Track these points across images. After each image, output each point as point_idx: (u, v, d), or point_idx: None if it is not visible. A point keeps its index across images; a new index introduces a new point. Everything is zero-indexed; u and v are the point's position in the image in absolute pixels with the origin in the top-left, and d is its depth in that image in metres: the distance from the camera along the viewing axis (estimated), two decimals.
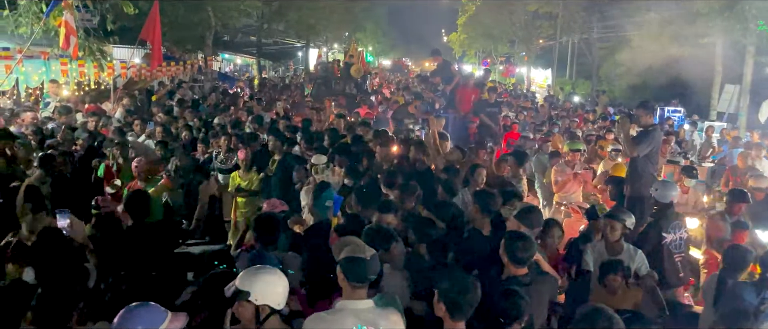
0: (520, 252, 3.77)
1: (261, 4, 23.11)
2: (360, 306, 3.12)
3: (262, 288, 3.00)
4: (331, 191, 5.44)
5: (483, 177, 6.38)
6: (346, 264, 3.16)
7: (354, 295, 3.15)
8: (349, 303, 3.13)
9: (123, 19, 10.99)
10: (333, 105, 14.04)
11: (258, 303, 2.97)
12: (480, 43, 37.90)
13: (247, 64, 36.24)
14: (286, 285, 3.10)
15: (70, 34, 9.00)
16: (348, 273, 3.14)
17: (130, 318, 2.82)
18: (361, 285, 3.15)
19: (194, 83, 20.12)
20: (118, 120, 10.68)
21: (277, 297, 3.03)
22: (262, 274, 3.08)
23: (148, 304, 2.96)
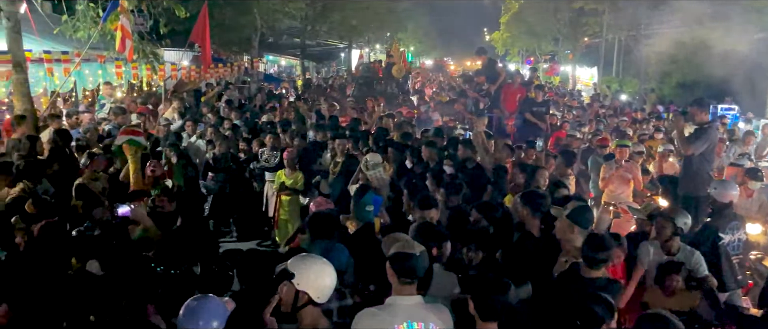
0: (598, 253, 3.74)
1: (305, 5, 23.39)
2: (409, 301, 3.13)
3: (306, 275, 2.97)
4: (371, 194, 5.47)
5: (545, 179, 6.26)
6: (395, 259, 3.17)
7: (403, 291, 3.16)
8: (398, 298, 3.15)
9: (173, 23, 11.28)
10: (377, 106, 14.10)
11: (299, 287, 2.94)
12: (523, 41, 37.43)
13: (291, 66, 36.72)
14: (332, 280, 3.06)
15: (126, 38, 9.29)
16: (397, 269, 3.15)
17: (196, 311, 2.92)
18: (411, 281, 3.15)
19: (242, 84, 20.52)
20: (167, 120, 11.01)
21: (318, 288, 2.98)
22: (313, 262, 3.07)
23: (208, 296, 3.06)
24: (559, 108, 16.31)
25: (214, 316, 2.96)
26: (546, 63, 38.90)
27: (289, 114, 13.18)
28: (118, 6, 9.11)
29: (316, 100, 16.19)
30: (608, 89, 27.87)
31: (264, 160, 8.85)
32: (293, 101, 16.37)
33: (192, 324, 2.92)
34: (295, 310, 2.96)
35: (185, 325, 2.94)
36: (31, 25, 10.09)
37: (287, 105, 14.72)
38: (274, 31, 25.18)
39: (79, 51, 10.48)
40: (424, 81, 30.53)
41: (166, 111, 12.03)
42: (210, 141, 9.54)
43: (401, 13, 36.32)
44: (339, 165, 7.95)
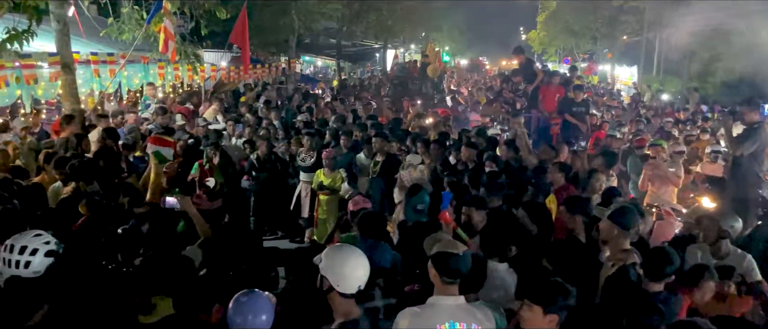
0: (661, 267, 3.64)
1: (342, 6, 23.54)
2: (452, 302, 3.12)
3: (330, 261, 3.03)
4: (424, 193, 5.45)
5: (601, 183, 6.10)
6: (437, 259, 3.15)
7: (446, 291, 3.14)
8: (440, 298, 3.13)
9: (213, 24, 11.49)
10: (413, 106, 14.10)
11: (322, 272, 3.01)
12: (561, 40, 36.90)
13: (326, 66, 36.99)
14: (359, 273, 3.06)
15: (169, 39, 9.51)
16: (440, 269, 3.13)
17: (245, 305, 2.98)
18: (453, 281, 3.14)
19: (279, 85, 20.75)
20: (205, 120, 11.22)
21: (338, 275, 3.00)
22: (341, 250, 3.12)
23: (256, 291, 3.11)
24: (598, 108, 16.02)
25: (263, 311, 3.02)
26: (584, 62, 38.29)
27: (326, 114, 13.29)
28: (162, 8, 9.32)
29: (352, 100, 16.26)
30: (648, 88, 27.27)
31: (300, 160, 8.95)
32: (329, 101, 16.49)
33: (241, 319, 2.98)
34: (322, 294, 3.04)
35: (234, 319, 2.99)
36: (79, 27, 10.41)
37: (324, 106, 14.85)
38: (311, 32, 25.39)
39: (124, 53, 10.77)
40: (460, 81, 30.40)
41: (206, 111, 12.26)
42: (248, 141, 9.69)
43: (437, 13, 36.24)
44: (378, 165, 7.98)
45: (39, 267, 3.51)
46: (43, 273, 3.52)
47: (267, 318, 3.03)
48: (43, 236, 3.62)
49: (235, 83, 17.64)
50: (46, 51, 9.23)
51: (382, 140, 8.24)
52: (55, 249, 3.59)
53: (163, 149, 6.54)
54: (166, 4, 9.32)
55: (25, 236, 3.59)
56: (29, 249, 3.50)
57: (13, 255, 3.48)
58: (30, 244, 3.52)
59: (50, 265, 3.55)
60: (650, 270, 3.68)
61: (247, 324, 2.96)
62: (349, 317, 3.04)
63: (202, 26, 10.50)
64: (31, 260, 3.48)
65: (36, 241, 3.55)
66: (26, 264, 3.47)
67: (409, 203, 5.27)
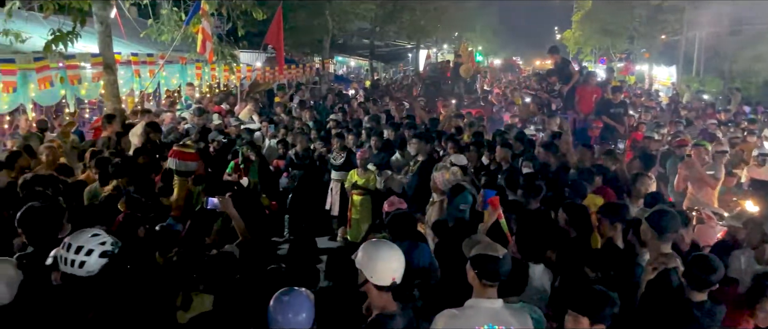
0: (705, 275, 3.52)
1: (375, 6, 23.59)
2: (490, 304, 3.11)
3: (363, 256, 3.13)
4: (467, 194, 5.43)
5: (646, 187, 5.95)
6: (477, 261, 3.14)
7: (484, 293, 3.13)
8: (480, 301, 3.12)
9: (249, 25, 11.64)
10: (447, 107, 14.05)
11: (357, 265, 3.13)
12: (596, 39, 36.23)
13: (359, 67, 37.11)
14: (393, 265, 3.13)
15: (206, 40, 9.66)
16: (479, 271, 3.12)
17: (286, 303, 3.02)
18: (493, 283, 3.12)
19: (313, 85, 20.92)
20: (238, 120, 11.38)
21: (371, 268, 3.09)
22: (375, 245, 3.21)
23: (297, 289, 3.14)
24: (636, 109, 15.70)
25: (303, 309, 3.04)
26: (620, 62, 37.57)
27: (359, 114, 13.35)
28: (200, 9, 9.47)
29: (385, 101, 16.28)
30: (687, 88, 26.61)
31: (332, 158, 9.02)
32: (362, 101, 16.56)
33: (281, 316, 3.00)
34: (359, 288, 3.14)
35: (275, 317, 3.01)
36: (120, 29, 10.66)
37: (357, 106, 14.92)
38: (345, 32, 25.51)
39: (163, 53, 10.99)
40: (493, 81, 30.17)
41: (241, 111, 12.44)
42: (281, 141, 9.81)
43: (470, 13, 36.02)
44: (417, 164, 7.99)
45: (93, 267, 3.53)
46: (97, 273, 3.56)
47: (307, 317, 3.04)
48: (100, 237, 3.64)
49: (270, 83, 17.83)
50: (89, 52, 9.47)
51: (421, 141, 8.24)
52: (111, 250, 3.62)
53: (185, 162, 6.50)
54: (204, 6, 9.47)
55: (82, 235, 3.63)
56: (85, 249, 3.52)
57: (69, 253, 3.52)
58: (86, 244, 3.55)
59: (104, 265, 3.59)
60: (692, 279, 3.56)
61: (287, 322, 2.98)
62: (385, 310, 3.08)
63: (239, 27, 10.63)
64: (86, 260, 3.51)
65: (92, 241, 3.58)
66: (81, 264, 3.50)
67: (452, 203, 5.26)
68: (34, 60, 8.32)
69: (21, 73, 8.14)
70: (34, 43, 8.45)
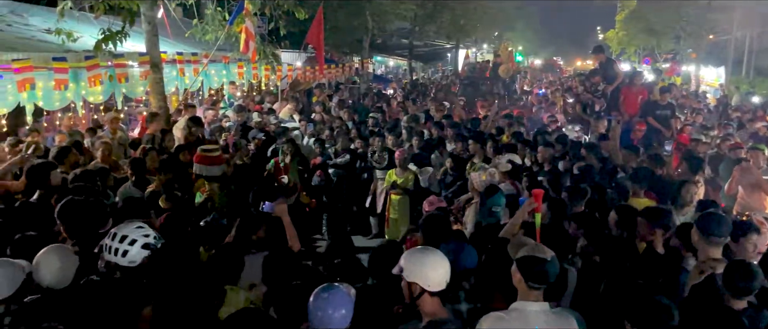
0: (742, 283, 3.38)
1: (415, 6, 23.56)
2: (536, 308, 3.05)
3: (413, 267, 3.12)
4: (500, 195, 5.38)
5: (693, 195, 5.74)
6: (524, 263, 3.08)
7: (530, 297, 3.07)
8: (526, 304, 3.06)
9: (291, 25, 11.77)
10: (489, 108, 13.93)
11: (409, 279, 3.11)
12: (641, 39, 35.36)
13: (398, 66, 37.13)
14: (444, 270, 3.14)
15: (249, 40, 9.81)
16: (526, 273, 3.06)
17: (325, 300, 3.03)
18: (539, 286, 3.06)
19: (352, 85, 21.03)
20: (278, 119, 11.50)
21: (426, 277, 3.09)
22: (419, 254, 3.20)
23: (336, 285, 3.15)
24: (682, 111, 15.26)
25: (342, 305, 3.05)
26: (666, 62, 36.60)
27: (399, 114, 13.36)
28: (244, 9, 9.62)
29: (426, 101, 16.25)
30: (736, 89, 25.73)
31: (374, 160, 9.04)
32: (401, 101, 16.56)
33: (321, 313, 3.01)
34: (413, 301, 3.11)
35: (315, 313, 3.03)
36: (166, 29, 10.90)
37: (395, 106, 14.93)
38: (384, 32, 25.55)
39: (207, 53, 11.20)
40: (533, 81, 29.81)
41: (282, 110, 12.60)
42: (319, 140, 9.89)
43: (511, 12, 35.64)
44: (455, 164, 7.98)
45: (134, 258, 3.67)
46: (139, 264, 3.68)
47: (346, 313, 3.05)
48: (144, 229, 3.78)
49: (310, 82, 18.00)
50: (137, 51, 9.71)
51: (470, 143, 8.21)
52: (153, 243, 3.74)
53: (209, 167, 6.42)
54: (248, 6, 9.61)
55: (128, 226, 3.77)
56: (128, 239, 3.67)
57: (114, 242, 3.67)
58: (130, 234, 3.69)
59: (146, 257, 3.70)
60: (730, 285, 3.43)
61: (326, 319, 3.00)
62: (436, 317, 3.07)
63: (281, 27, 10.76)
64: (129, 250, 3.65)
65: (136, 232, 3.72)
66: (123, 253, 3.64)
67: (484, 204, 5.21)
68: (85, 59, 8.57)
69: (72, 71, 8.40)
70: (85, 42, 8.72)
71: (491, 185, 5.58)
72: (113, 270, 3.66)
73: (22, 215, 4.68)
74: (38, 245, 3.83)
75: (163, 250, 3.79)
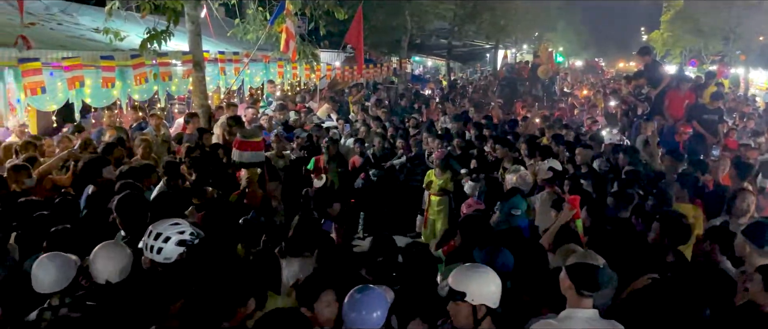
0: None
1: (455, 6, 23.40)
2: (586, 315, 2.98)
3: (477, 288, 2.98)
4: (519, 198, 5.34)
5: (749, 204, 5.46)
6: (576, 270, 3.01)
7: (580, 304, 3.00)
8: (576, 311, 3.00)
9: (330, 25, 11.84)
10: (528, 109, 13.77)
11: (474, 302, 2.97)
12: (687, 40, 34.41)
13: (436, 66, 36.99)
14: (499, 283, 3.06)
15: (290, 39, 9.89)
16: (578, 280, 2.99)
17: (360, 302, 3.03)
18: (590, 294, 2.99)
19: (390, 85, 21.03)
20: (318, 119, 11.57)
21: (492, 295, 3.00)
22: (476, 273, 3.07)
23: (371, 287, 3.14)
24: (731, 115, 14.77)
25: (377, 307, 3.05)
26: (713, 64, 35.51)
27: (436, 115, 13.30)
28: (284, 9, 9.71)
29: (464, 102, 16.14)
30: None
31: (432, 160, 9.03)
32: (439, 101, 16.49)
33: (355, 314, 3.02)
34: (477, 324, 3.01)
35: (349, 314, 3.03)
36: (209, 28, 11.10)
37: (433, 106, 14.88)
38: (423, 32, 25.47)
39: (248, 52, 11.36)
40: (574, 83, 29.29)
41: (319, 110, 12.69)
42: (359, 140, 9.91)
43: (552, 12, 35.10)
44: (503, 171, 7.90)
45: (169, 254, 3.73)
46: (174, 260, 3.74)
47: (380, 315, 3.05)
48: (180, 226, 3.83)
49: (348, 82, 18.09)
50: (180, 50, 9.91)
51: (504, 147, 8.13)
52: (188, 240, 3.79)
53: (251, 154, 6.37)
54: (289, 6, 9.69)
55: (164, 223, 3.84)
56: (163, 236, 3.73)
57: (149, 239, 3.74)
58: (165, 231, 3.75)
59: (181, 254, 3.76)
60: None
61: (360, 320, 3.00)
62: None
63: (321, 27, 10.83)
64: (163, 247, 3.71)
65: (171, 230, 3.78)
66: (158, 250, 3.71)
67: (503, 207, 5.14)
68: (131, 57, 8.81)
69: (119, 69, 8.64)
70: (132, 41, 8.96)
71: (512, 188, 5.53)
72: (155, 266, 3.73)
73: (67, 208, 4.82)
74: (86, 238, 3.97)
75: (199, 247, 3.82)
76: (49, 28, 9.14)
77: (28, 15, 9.16)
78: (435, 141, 9.24)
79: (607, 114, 13.79)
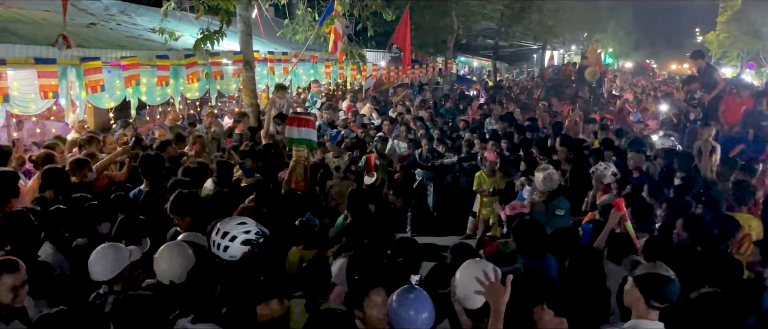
0: None
1: (503, 6, 23.15)
2: (654, 327, 2.94)
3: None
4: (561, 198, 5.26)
5: None
6: (646, 281, 2.96)
7: (647, 315, 2.95)
8: (642, 322, 2.96)
9: (377, 25, 11.90)
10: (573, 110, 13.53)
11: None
12: (744, 42, 33.14)
13: (482, 67, 36.70)
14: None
15: (338, 40, 10.01)
16: (647, 292, 2.94)
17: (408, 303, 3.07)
18: (662, 305, 2.94)
19: (435, 85, 21.00)
20: (369, 119, 11.64)
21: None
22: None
23: (418, 289, 3.17)
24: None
25: (425, 309, 3.06)
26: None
27: (477, 116, 13.23)
28: (333, 10, 9.82)
29: (510, 105, 16.00)
30: None
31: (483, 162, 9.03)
32: (484, 102, 16.37)
33: (403, 313, 3.04)
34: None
35: (397, 313, 3.05)
36: (259, 28, 11.32)
37: (476, 107, 14.79)
38: (470, 32, 25.30)
39: (297, 52, 11.54)
40: (624, 85, 28.57)
41: (362, 109, 12.79)
42: (412, 140, 9.97)
43: (602, 13, 34.31)
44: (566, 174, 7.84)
45: (235, 253, 3.84)
46: (239, 259, 3.83)
47: (429, 316, 3.06)
48: (246, 225, 3.94)
49: (394, 82, 18.15)
50: (232, 50, 10.14)
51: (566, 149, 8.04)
52: (254, 239, 3.88)
53: (301, 129, 6.27)
54: (338, 7, 9.80)
55: (231, 222, 3.95)
56: (230, 235, 3.84)
57: (216, 237, 3.85)
58: (231, 230, 3.86)
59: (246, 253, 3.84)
60: None
61: (408, 320, 3.01)
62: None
63: (369, 27, 10.91)
64: (229, 245, 3.82)
65: (237, 229, 3.88)
66: (225, 248, 3.81)
67: (546, 208, 5.08)
68: (185, 57, 9.07)
69: (173, 68, 8.91)
70: (185, 41, 9.22)
71: (553, 190, 5.47)
72: (219, 265, 3.80)
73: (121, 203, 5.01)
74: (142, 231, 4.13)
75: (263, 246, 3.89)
76: (108, 28, 9.48)
77: (89, 15, 9.55)
78: (484, 142, 9.21)
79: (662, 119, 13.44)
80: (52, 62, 6.80)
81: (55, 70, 6.82)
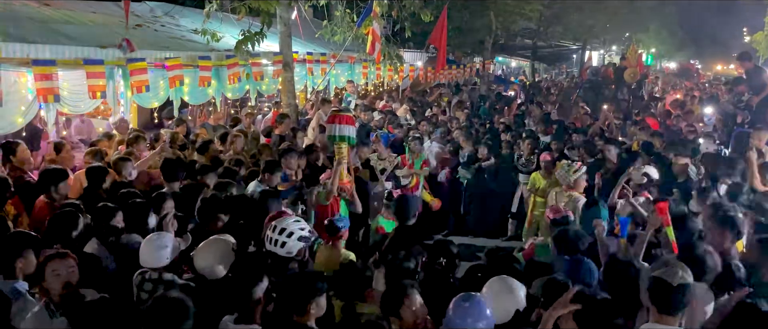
0: None
1: (542, 6, 22.82)
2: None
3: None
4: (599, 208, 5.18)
5: None
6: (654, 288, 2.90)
7: (662, 320, 2.90)
8: (657, 326, 2.91)
9: (414, 25, 11.91)
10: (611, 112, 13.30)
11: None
12: None
13: (520, 67, 36.32)
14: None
15: (376, 41, 10.06)
16: (655, 300, 2.90)
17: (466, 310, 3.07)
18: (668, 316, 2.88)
19: (473, 86, 20.87)
20: (406, 120, 11.65)
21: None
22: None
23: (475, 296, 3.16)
24: None
25: (482, 317, 3.06)
26: None
27: (513, 117, 13.11)
28: (372, 12, 9.87)
29: (547, 106, 15.81)
30: None
31: (521, 164, 8.95)
32: (522, 103, 16.21)
33: (460, 321, 3.04)
34: None
35: (454, 321, 3.06)
36: (299, 30, 11.46)
37: (516, 108, 14.66)
38: (508, 32, 25.01)
39: (335, 53, 11.64)
40: (666, 86, 27.83)
41: (398, 110, 12.80)
42: (449, 140, 9.94)
43: (644, 12, 33.45)
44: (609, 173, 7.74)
45: (291, 249, 3.98)
46: (294, 255, 4.00)
47: (486, 324, 3.06)
48: (300, 223, 4.10)
49: (430, 83, 18.12)
50: (271, 51, 10.29)
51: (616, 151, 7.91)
52: (308, 236, 4.04)
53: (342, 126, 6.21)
54: (376, 8, 9.85)
55: (287, 219, 4.12)
56: (286, 232, 3.99)
57: (274, 234, 4.00)
58: (288, 227, 4.01)
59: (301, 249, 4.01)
60: None
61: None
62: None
63: (407, 28, 10.93)
64: (286, 241, 3.97)
65: (294, 225, 4.03)
66: (282, 244, 3.96)
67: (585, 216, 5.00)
68: (226, 57, 9.25)
69: (215, 69, 9.10)
70: (227, 42, 9.40)
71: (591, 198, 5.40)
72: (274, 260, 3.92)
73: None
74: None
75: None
76: (153, 29, 9.73)
77: (135, 17, 9.82)
78: (525, 143, 9.12)
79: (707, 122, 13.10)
80: (100, 63, 7.04)
81: (102, 70, 7.05)
